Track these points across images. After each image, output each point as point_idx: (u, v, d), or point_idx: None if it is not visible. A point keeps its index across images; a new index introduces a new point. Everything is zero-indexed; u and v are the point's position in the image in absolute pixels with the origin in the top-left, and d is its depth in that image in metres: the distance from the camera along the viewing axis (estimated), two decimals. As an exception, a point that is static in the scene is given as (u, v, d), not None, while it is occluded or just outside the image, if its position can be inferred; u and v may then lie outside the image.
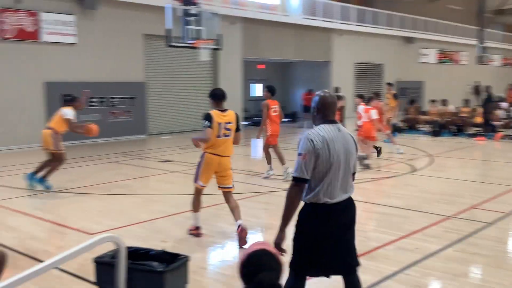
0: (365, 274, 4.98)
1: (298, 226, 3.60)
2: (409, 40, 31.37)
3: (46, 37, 15.74)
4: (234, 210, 6.15)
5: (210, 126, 5.93)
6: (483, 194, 8.60)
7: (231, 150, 6.18)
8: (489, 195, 8.48)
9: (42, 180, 9.27)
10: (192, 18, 13.93)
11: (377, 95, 14.09)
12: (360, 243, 5.91)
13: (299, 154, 3.46)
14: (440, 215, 7.20)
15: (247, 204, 8.16)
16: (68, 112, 9.32)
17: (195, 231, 6.33)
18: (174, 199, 8.49)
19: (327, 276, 3.74)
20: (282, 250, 3.49)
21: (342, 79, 26.81)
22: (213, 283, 4.91)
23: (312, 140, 3.42)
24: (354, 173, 3.66)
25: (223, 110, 6.11)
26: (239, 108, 21.46)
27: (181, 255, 4.35)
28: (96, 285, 4.31)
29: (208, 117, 5.96)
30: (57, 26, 15.95)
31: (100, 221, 7.10)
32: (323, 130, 3.48)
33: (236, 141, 6.26)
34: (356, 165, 3.70)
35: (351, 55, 27.41)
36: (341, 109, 14.09)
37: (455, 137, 17.40)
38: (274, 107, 10.31)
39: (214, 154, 6.06)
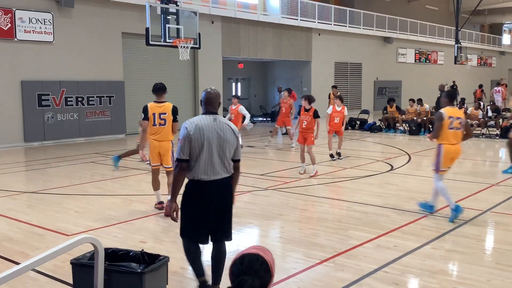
0: (344, 272, 5.02)
1: (182, 199, 4.31)
2: (387, 40, 31.68)
3: (22, 35, 15.47)
4: (169, 186, 6.70)
5: (146, 118, 7.25)
6: (460, 192, 8.72)
7: (168, 136, 7.28)
8: (466, 193, 8.61)
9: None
10: (171, 17, 13.84)
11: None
12: (340, 242, 5.98)
13: (179, 139, 4.19)
14: (418, 213, 7.28)
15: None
16: None
17: (159, 205, 7.47)
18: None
19: (207, 242, 4.39)
20: (174, 219, 4.32)
21: (321, 79, 26.95)
22: (193, 284, 4.87)
23: (186, 128, 4.16)
24: (237, 160, 4.32)
25: (160, 102, 7.33)
26: (220, 107, 21.39)
27: (161, 255, 4.32)
28: (73, 287, 4.25)
29: (144, 110, 7.31)
30: (33, 24, 15.70)
31: (77, 222, 7.01)
32: (198, 119, 4.20)
33: (173, 130, 7.34)
34: (238, 153, 4.31)
35: (330, 54, 27.57)
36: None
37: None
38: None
39: (155, 140, 7.29)
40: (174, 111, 7.33)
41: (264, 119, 25.21)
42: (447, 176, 10.72)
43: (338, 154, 12.48)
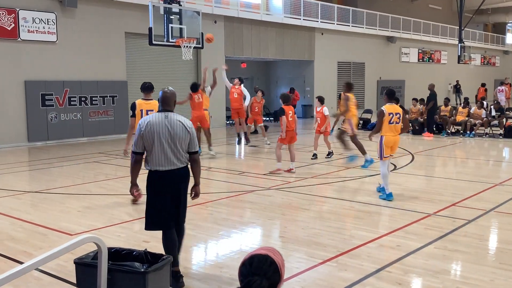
0: (347, 272, 5.02)
1: (146, 189, 4.79)
2: (390, 39, 31.64)
3: (25, 35, 15.51)
4: None
5: (133, 115, 7.79)
6: (463, 192, 8.71)
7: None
8: (470, 192, 8.59)
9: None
10: (174, 17, 13.84)
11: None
12: (343, 241, 5.97)
13: (134, 134, 4.81)
14: (421, 212, 7.27)
15: (230, 203, 8.15)
16: None
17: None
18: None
19: (173, 227, 4.77)
20: (133, 195, 5.09)
21: (324, 78, 26.93)
22: (196, 283, 4.88)
23: (140, 125, 4.71)
24: (193, 152, 4.78)
25: (148, 99, 7.92)
26: (223, 107, 21.43)
27: (164, 255, 4.32)
28: (77, 286, 4.26)
29: (132, 107, 7.86)
30: (36, 24, 15.73)
31: (80, 221, 7.02)
32: (151, 117, 4.72)
33: None
34: (193, 145, 4.76)
35: (333, 54, 27.53)
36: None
37: (436, 136, 17.61)
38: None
39: None
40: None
41: (267, 118, 25.20)
42: (451, 176, 10.73)
43: (328, 153, 12.51)
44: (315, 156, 12.42)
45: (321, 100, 12.63)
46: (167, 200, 4.69)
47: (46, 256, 2.91)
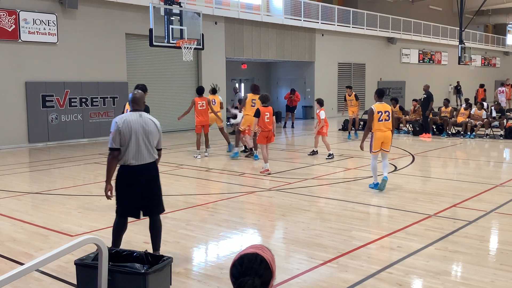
0: (348, 273, 5.02)
1: (116, 183, 5.18)
2: (390, 40, 31.64)
3: (26, 37, 15.52)
4: None
5: None
6: (464, 193, 8.70)
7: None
8: (470, 193, 8.59)
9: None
10: (175, 18, 13.86)
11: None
12: (344, 242, 5.97)
13: (110, 132, 5.07)
14: (421, 213, 7.27)
15: (231, 204, 8.15)
16: None
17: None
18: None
19: (138, 217, 5.25)
20: (108, 197, 5.21)
21: (325, 79, 26.94)
22: (197, 284, 4.88)
23: (116, 122, 5.06)
24: (159, 149, 5.28)
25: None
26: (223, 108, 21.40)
27: (165, 256, 4.32)
28: (77, 287, 4.26)
29: (147, 109, 7.73)
30: (37, 25, 15.75)
31: (81, 222, 7.02)
32: (126, 116, 5.14)
33: None
34: (161, 142, 5.29)
35: (334, 55, 27.54)
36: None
37: (436, 137, 17.61)
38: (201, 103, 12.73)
39: None
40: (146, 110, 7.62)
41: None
42: (452, 177, 10.73)
43: (328, 155, 12.55)
44: (313, 152, 12.60)
45: (320, 102, 12.69)
46: (136, 192, 5.09)
47: (47, 257, 2.91)
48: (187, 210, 7.65)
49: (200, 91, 13.05)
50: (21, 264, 5.23)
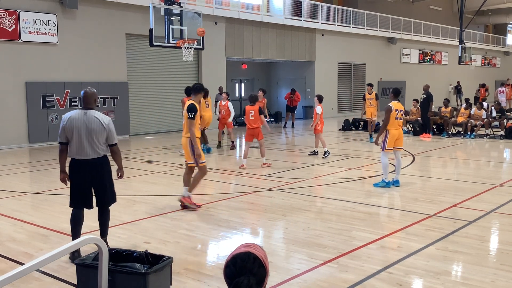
0: (348, 273, 5.02)
1: (68, 175, 5.53)
2: (391, 40, 31.64)
3: (26, 37, 15.52)
4: (193, 180, 7.75)
5: (192, 118, 7.50)
6: (464, 193, 8.70)
7: (185, 132, 7.63)
8: (470, 193, 8.59)
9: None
10: (175, 18, 13.86)
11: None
12: (344, 242, 5.97)
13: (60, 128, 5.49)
14: (422, 213, 7.27)
15: (231, 204, 8.15)
16: None
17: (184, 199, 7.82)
18: (157, 200, 8.44)
19: (91, 207, 5.60)
20: (63, 182, 5.61)
21: (325, 79, 26.93)
22: (197, 284, 4.88)
23: (63, 119, 5.45)
24: (112, 144, 5.54)
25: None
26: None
27: (165, 256, 4.32)
28: (77, 287, 4.26)
29: (193, 109, 7.51)
30: (37, 26, 15.75)
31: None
32: (72, 113, 5.44)
33: (189, 127, 7.54)
34: (111, 139, 5.48)
35: (334, 55, 27.54)
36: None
37: (437, 137, 17.61)
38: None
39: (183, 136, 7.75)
40: (189, 109, 7.51)
41: (268, 120, 25.19)
42: (452, 177, 10.73)
43: (324, 153, 12.72)
44: (314, 152, 12.67)
45: (319, 98, 12.74)
46: (84, 185, 5.47)
47: (47, 257, 2.91)
48: (187, 210, 7.65)
49: (188, 91, 13.18)
50: (21, 264, 5.23)
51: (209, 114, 13.80)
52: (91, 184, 5.50)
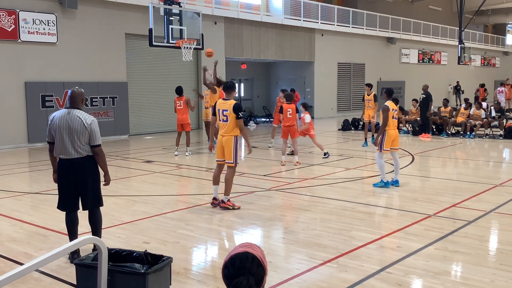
0: (348, 273, 5.02)
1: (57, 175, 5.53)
2: (390, 40, 31.65)
3: (25, 37, 15.52)
4: (225, 181, 7.67)
5: (213, 114, 7.80)
6: (463, 192, 8.70)
7: (230, 131, 7.52)
8: (470, 193, 8.59)
9: None
10: (174, 18, 13.86)
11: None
12: (343, 242, 5.97)
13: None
14: (421, 213, 7.27)
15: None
16: None
17: (214, 201, 7.90)
18: (157, 200, 8.44)
19: (77, 209, 5.51)
20: (55, 181, 5.55)
21: (324, 79, 26.93)
22: (197, 285, 4.88)
23: (49, 118, 5.50)
24: (95, 146, 5.37)
25: (227, 100, 7.61)
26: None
27: (164, 256, 4.32)
28: (77, 287, 4.26)
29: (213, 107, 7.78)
30: (36, 25, 15.74)
31: (81, 222, 6.97)
32: (57, 112, 5.47)
33: (238, 126, 7.52)
34: (93, 139, 5.34)
35: (334, 55, 27.55)
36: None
37: (436, 137, 17.61)
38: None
39: (220, 135, 7.63)
40: (235, 108, 7.47)
41: (267, 119, 25.21)
42: (452, 177, 10.74)
43: (324, 154, 12.74)
44: (326, 154, 12.69)
45: (305, 106, 12.75)
46: (69, 185, 5.38)
47: (47, 257, 2.91)
48: (187, 210, 7.65)
49: (178, 91, 13.55)
50: (21, 264, 5.23)
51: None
52: (75, 186, 5.38)
